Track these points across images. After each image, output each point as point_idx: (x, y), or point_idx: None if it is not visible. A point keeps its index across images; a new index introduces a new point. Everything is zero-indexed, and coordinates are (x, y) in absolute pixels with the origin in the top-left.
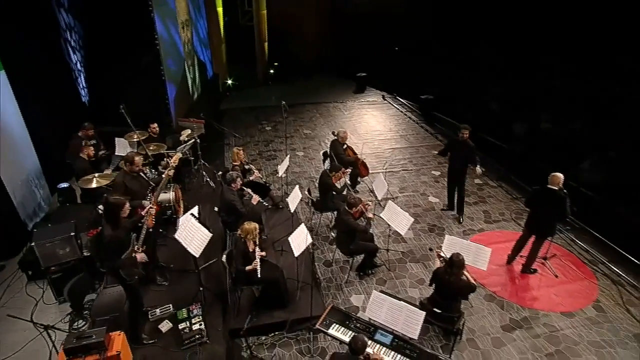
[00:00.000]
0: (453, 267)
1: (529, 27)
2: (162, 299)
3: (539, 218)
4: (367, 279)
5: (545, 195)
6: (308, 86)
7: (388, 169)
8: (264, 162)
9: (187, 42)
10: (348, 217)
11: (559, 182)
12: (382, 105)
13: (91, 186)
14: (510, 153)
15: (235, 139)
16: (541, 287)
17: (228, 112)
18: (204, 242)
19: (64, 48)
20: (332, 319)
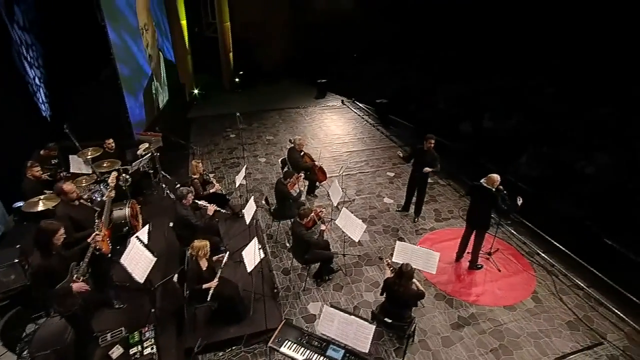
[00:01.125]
0: (402, 278)
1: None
2: (115, 321)
3: (475, 212)
4: (325, 285)
5: (479, 192)
6: (272, 92)
7: (345, 172)
8: (226, 170)
9: (149, 46)
10: (300, 229)
11: (493, 182)
12: (341, 110)
13: (37, 209)
14: (457, 151)
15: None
16: (486, 282)
17: (195, 121)
18: (148, 267)
19: (19, 63)
20: (285, 335)
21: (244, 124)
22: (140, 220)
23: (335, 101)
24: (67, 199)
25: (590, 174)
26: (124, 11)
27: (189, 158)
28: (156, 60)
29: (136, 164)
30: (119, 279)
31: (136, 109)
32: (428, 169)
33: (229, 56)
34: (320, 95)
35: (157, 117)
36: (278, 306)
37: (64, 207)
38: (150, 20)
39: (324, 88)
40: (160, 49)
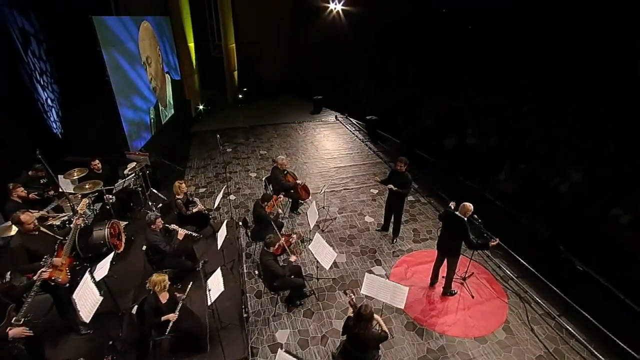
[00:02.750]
0: (361, 320)
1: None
2: (77, 350)
3: (445, 240)
4: (296, 310)
5: (451, 219)
6: (271, 108)
7: (330, 189)
8: (218, 185)
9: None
10: (267, 258)
11: (465, 212)
12: (334, 125)
13: (10, 234)
14: (439, 168)
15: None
16: (459, 310)
17: (197, 135)
18: (94, 307)
19: (32, 87)
20: None
21: (221, 146)
22: (122, 239)
23: (330, 116)
24: (24, 230)
25: (564, 192)
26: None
27: (184, 173)
28: (161, 86)
29: (119, 185)
30: None
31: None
32: (392, 186)
33: (233, 74)
34: (316, 110)
35: (156, 134)
36: (245, 333)
37: (19, 237)
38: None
39: (319, 104)
40: (168, 72)
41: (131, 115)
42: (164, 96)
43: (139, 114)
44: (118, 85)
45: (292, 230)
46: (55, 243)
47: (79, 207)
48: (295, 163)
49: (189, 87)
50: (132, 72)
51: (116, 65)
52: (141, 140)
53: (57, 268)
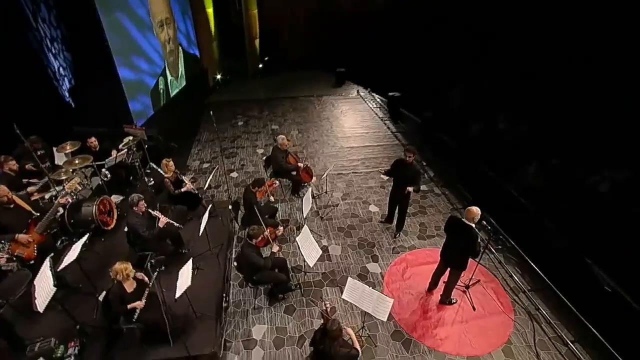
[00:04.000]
0: (326, 337)
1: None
2: (51, 328)
3: (449, 250)
4: (277, 305)
5: (458, 228)
6: (292, 79)
7: (338, 171)
8: (221, 160)
9: (168, 41)
10: (249, 250)
11: (473, 217)
12: (354, 101)
13: None
14: (461, 155)
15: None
16: (455, 322)
17: (211, 106)
18: (47, 297)
19: (44, 55)
20: None
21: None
22: (114, 216)
23: (352, 91)
24: None
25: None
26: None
27: (191, 148)
28: (175, 54)
29: (111, 160)
30: (73, 279)
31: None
32: (410, 188)
33: (254, 43)
34: (338, 83)
35: (165, 106)
36: (221, 326)
37: None
38: (172, 14)
39: (342, 77)
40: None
41: (130, 75)
42: (176, 66)
43: (140, 75)
44: (118, 46)
45: (289, 216)
46: (27, 218)
47: (67, 187)
48: (305, 140)
49: (207, 55)
50: (137, 33)
51: (117, 25)
52: (147, 109)
53: (24, 245)
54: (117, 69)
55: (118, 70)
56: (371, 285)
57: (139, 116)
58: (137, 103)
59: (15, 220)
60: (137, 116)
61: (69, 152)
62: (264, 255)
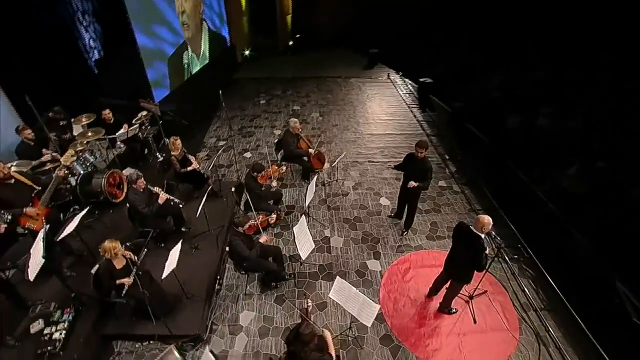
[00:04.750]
0: (297, 340)
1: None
2: (54, 293)
3: (453, 259)
4: (269, 293)
5: (464, 236)
6: (322, 59)
7: (354, 158)
8: (238, 139)
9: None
10: (235, 239)
11: (482, 226)
12: (383, 85)
13: None
14: (490, 150)
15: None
16: (452, 333)
17: (237, 82)
18: (37, 267)
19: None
20: None
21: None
22: (124, 188)
23: (382, 74)
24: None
25: None
26: None
27: (210, 122)
28: (195, 29)
29: (122, 134)
30: (79, 247)
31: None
32: (413, 183)
33: (286, 19)
34: (369, 65)
35: (188, 81)
36: (211, 308)
37: None
38: None
39: (374, 59)
40: (206, 19)
41: (148, 43)
42: (197, 43)
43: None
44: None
45: (296, 202)
46: (30, 192)
47: (63, 159)
48: (324, 124)
49: (236, 30)
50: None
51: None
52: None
53: (32, 217)
54: (136, 36)
55: (137, 37)
56: (368, 284)
57: (156, 85)
58: (153, 71)
59: (17, 195)
60: (154, 85)
61: (85, 124)
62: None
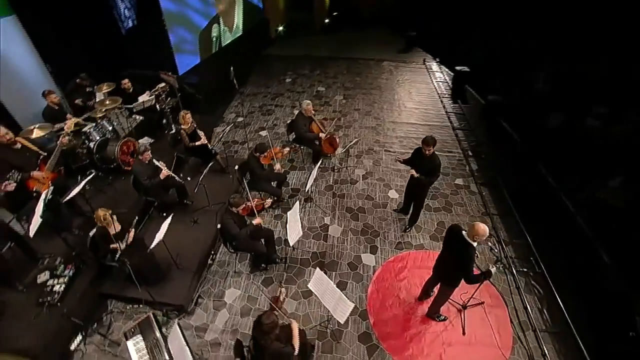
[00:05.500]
0: (257, 328)
1: None
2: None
3: (442, 262)
4: (258, 274)
5: (455, 240)
6: (357, 39)
7: (369, 145)
8: (257, 116)
9: None
10: (227, 217)
11: (475, 235)
12: (417, 70)
13: (31, 136)
14: (520, 150)
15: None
16: (436, 342)
17: (266, 59)
18: (36, 226)
19: None
20: (145, 330)
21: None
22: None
23: (418, 59)
24: (7, 143)
25: None
26: None
27: (231, 100)
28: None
29: (138, 104)
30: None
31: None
32: (414, 172)
33: None
34: (406, 49)
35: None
36: (200, 282)
37: (1, 152)
38: None
39: (411, 42)
40: None
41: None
42: (230, 15)
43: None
44: None
45: (302, 186)
46: (36, 158)
47: (67, 127)
48: (346, 108)
49: (271, 5)
50: None
51: None
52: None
53: (39, 181)
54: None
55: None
56: (358, 278)
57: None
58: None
59: (24, 160)
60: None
61: (105, 92)
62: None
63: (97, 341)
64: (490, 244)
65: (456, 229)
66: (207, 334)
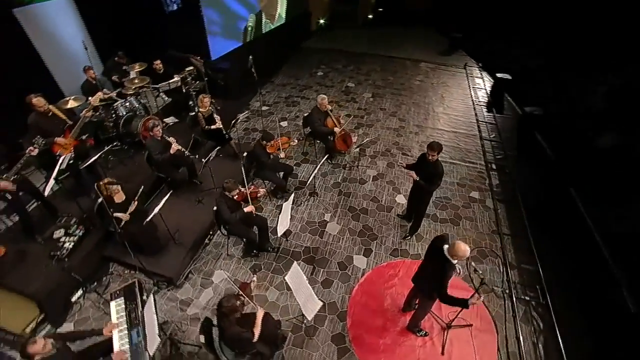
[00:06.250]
0: (218, 310)
1: None
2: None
3: (422, 273)
4: (248, 259)
5: (434, 253)
6: (399, 37)
7: (387, 147)
8: (281, 107)
9: None
10: (220, 200)
11: (454, 254)
12: (456, 74)
13: (66, 107)
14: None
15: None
16: (409, 356)
17: (302, 51)
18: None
19: None
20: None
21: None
22: None
23: (459, 62)
24: (37, 111)
25: None
26: None
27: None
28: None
29: (164, 85)
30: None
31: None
32: (414, 175)
33: None
34: (448, 51)
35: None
36: (193, 259)
37: (35, 116)
38: None
39: (456, 44)
40: None
41: None
42: (273, 6)
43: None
44: None
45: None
46: (64, 124)
47: (92, 100)
48: (372, 106)
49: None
50: None
51: None
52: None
53: (62, 146)
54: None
55: None
56: (345, 278)
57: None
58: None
59: (53, 126)
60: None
61: (137, 70)
62: None
63: (94, 298)
64: (474, 265)
65: (440, 241)
66: (190, 309)
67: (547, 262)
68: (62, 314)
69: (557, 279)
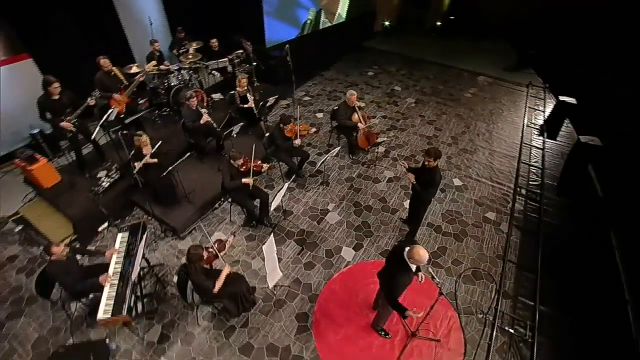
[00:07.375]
0: (186, 256)
1: None
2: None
3: (383, 271)
4: (247, 229)
5: (396, 256)
6: (465, 47)
7: (411, 153)
8: (322, 99)
9: None
10: (223, 166)
11: (411, 257)
12: (514, 92)
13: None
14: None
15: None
16: (364, 352)
17: (360, 49)
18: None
19: None
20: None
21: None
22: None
23: (524, 81)
24: (102, 69)
25: None
26: None
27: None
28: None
29: (213, 64)
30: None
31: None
32: (411, 177)
33: None
34: (516, 67)
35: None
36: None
37: (100, 74)
38: None
39: (527, 61)
40: None
41: None
42: (333, 7)
43: None
44: None
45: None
46: (121, 83)
47: (147, 67)
48: (411, 112)
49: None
50: None
51: None
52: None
53: (117, 102)
54: None
55: None
56: (328, 266)
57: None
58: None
59: (113, 84)
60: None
61: (194, 47)
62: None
63: (114, 232)
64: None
65: (401, 246)
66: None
67: (550, 303)
68: (89, 238)
69: (557, 324)
